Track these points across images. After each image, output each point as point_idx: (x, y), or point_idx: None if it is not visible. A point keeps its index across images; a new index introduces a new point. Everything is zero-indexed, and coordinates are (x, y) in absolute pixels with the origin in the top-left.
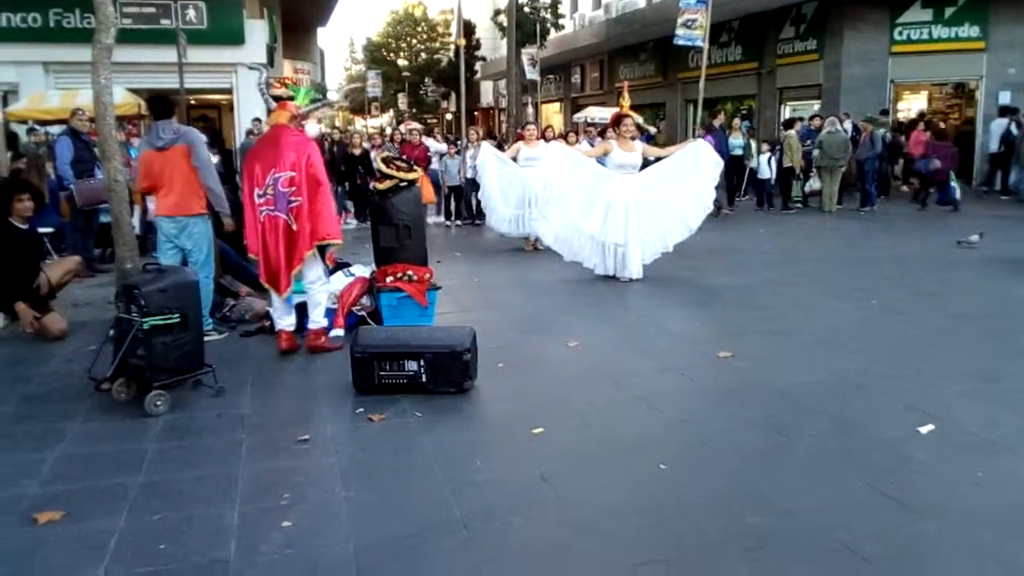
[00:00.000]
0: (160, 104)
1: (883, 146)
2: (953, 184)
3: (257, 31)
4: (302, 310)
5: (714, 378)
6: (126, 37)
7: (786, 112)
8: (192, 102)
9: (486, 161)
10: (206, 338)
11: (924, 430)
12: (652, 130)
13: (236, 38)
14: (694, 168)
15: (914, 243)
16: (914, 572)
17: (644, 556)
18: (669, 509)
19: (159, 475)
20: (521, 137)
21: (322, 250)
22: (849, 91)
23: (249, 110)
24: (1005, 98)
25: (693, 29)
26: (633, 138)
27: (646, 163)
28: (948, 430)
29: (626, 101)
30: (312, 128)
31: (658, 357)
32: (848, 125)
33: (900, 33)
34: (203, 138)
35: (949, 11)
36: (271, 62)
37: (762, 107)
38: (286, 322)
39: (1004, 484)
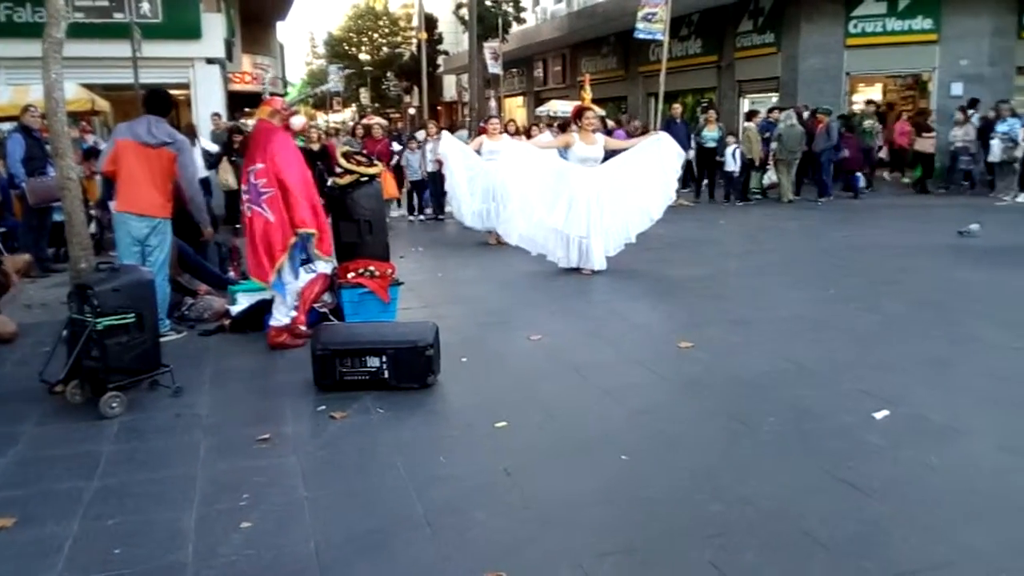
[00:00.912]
0: (157, 100)
1: (838, 137)
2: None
3: (214, 25)
4: (263, 309)
5: (676, 369)
6: (79, 32)
7: (745, 105)
8: None
9: (448, 152)
10: (163, 339)
11: (879, 415)
12: (612, 124)
13: (193, 32)
14: (656, 160)
15: (869, 232)
16: (868, 556)
17: (607, 547)
18: (631, 500)
19: (115, 478)
20: (484, 131)
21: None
22: (806, 83)
23: (207, 105)
24: (957, 89)
25: (653, 23)
26: (595, 131)
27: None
28: (903, 415)
29: (587, 94)
30: (297, 120)
31: (620, 349)
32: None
33: (855, 26)
34: (190, 146)
35: (902, 4)
36: (229, 56)
37: (722, 100)
38: (276, 317)
39: (958, 468)
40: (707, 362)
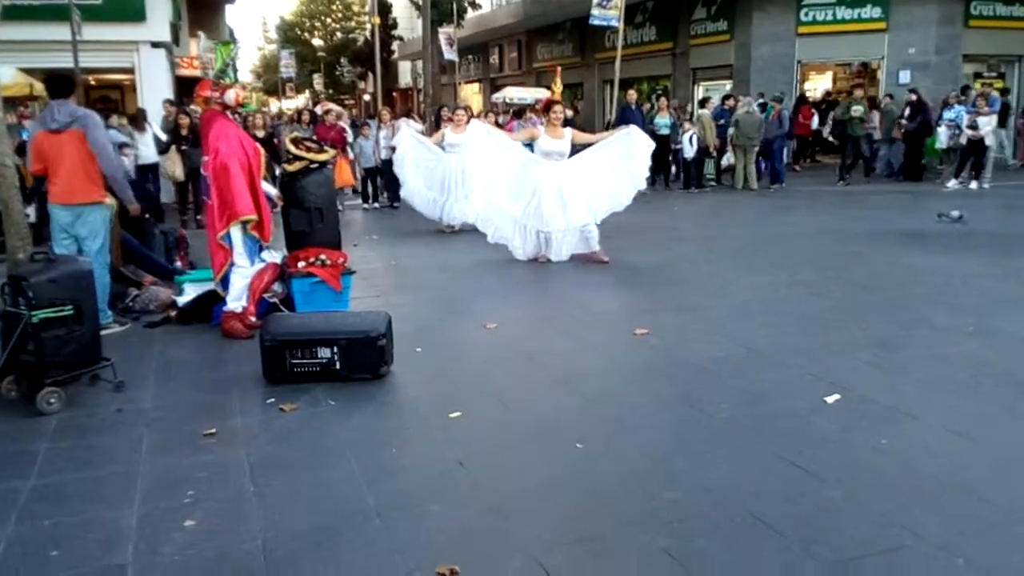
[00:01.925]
0: (56, 83)
1: (789, 124)
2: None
3: (159, 7)
4: (211, 299)
5: (631, 355)
6: (15, 13)
7: (700, 92)
8: (92, 82)
9: (403, 142)
10: (105, 331)
11: (830, 400)
12: (569, 113)
13: (137, 15)
14: (627, 152)
15: (820, 218)
16: (820, 539)
17: (561, 536)
18: (586, 488)
19: (52, 477)
20: (449, 120)
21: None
22: (759, 71)
23: (153, 90)
24: (905, 77)
25: (608, 9)
26: (564, 125)
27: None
28: (853, 399)
29: (558, 87)
30: (230, 95)
31: (576, 336)
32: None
33: (806, 14)
34: (99, 121)
35: None
36: (176, 41)
37: (677, 87)
38: (228, 304)
39: (906, 450)
40: (662, 348)
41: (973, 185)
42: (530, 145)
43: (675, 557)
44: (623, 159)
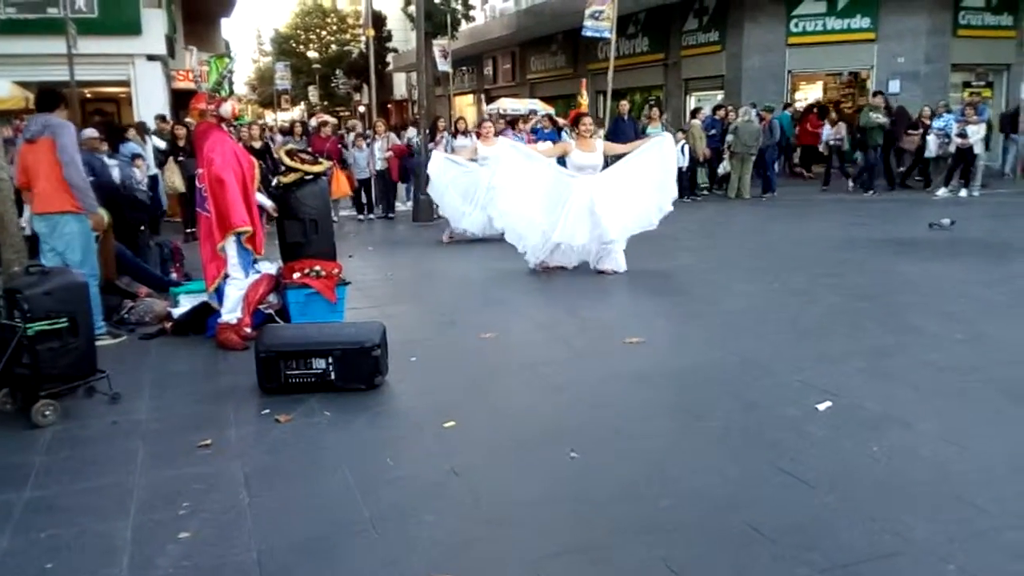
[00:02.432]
0: (42, 97)
1: (781, 134)
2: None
3: (155, 20)
4: (206, 311)
5: (626, 363)
6: (11, 28)
7: (692, 102)
8: (88, 95)
9: (437, 168)
10: (99, 343)
11: (822, 407)
12: (562, 121)
13: (132, 28)
14: (658, 162)
15: (812, 226)
16: (814, 547)
17: (556, 546)
18: (581, 497)
19: (47, 489)
20: (478, 134)
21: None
22: (750, 81)
23: (148, 103)
24: (895, 87)
25: (600, 21)
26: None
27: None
28: (844, 406)
29: (584, 99)
30: (226, 108)
31: (571, 345)
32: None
33: (796, 25)
34: (71, 130)
35: (841, 3)
36: (171, 53)
37: (669, 97)
38: (223, 315)
39: (897, 457)
40: (657, 356)
41: (963, 193)
42: (562, 161)
43: (671, 566)
44: (653, 170)
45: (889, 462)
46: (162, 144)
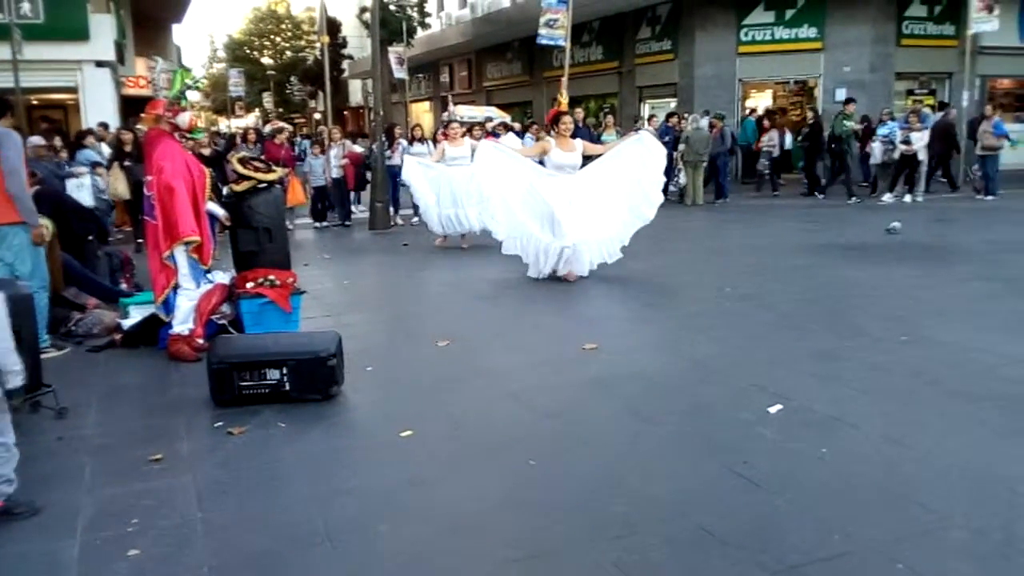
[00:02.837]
0: None
1: (732, 141)
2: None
3: (103, 26)
4: (157, 322)
5: (582, 370)
6: None
7: (646, 110)
8: (34, 102)
9: (411, 175)
10: (43, 355)
11: (773, 410)
12: (517, 127)
13: (80, 33)
14: (639, 161)
15: (763, 232)
16: (765, 549)
17: (513, 553)
18: (538, 504)
19: None
20: (445, 136)
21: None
22: (702, 89)
23: (97, 110)
24: (841, 95)
25: (555, 29)
26: (573, 136)
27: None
28: (794, 409)
29: (564, 98)
30: (183, 118)
31: (527, 352)
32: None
33: (746, 34)
34: (16, 140)
35: (789, 13)
36: (121, 60)
37: (623, 105)
38: (175, 327)
39: (845, 458)
40: (612, 362)
41: (907, 198)
42: (541, 161)
43: (625, 571)
44: (635, 168)
45: (837, 463)
46: (106, 150)
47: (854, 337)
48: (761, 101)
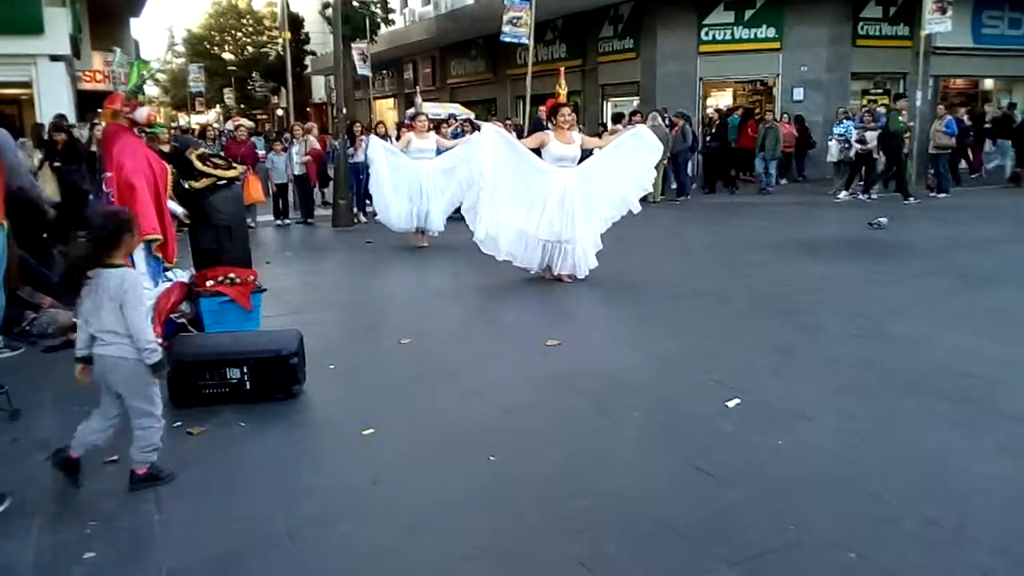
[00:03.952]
0: None
1: (693, 139)
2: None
3: (58, 19)
4: None
5: (544, 366)
6: None
7: (609, 108)
8: None
9: (376, 156)
10: None
11: (732, 404)
12: (481, 124)
13: (34, 27)
14: (633, 154)
15: (724, 229)
16: (723, 541)
17: (475, 551)
18: (500, 501)
19: None
20: (411, 127)
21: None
22: (664, 88)
23: (52, 105)
24: (799, 94)
25: (518, 27)
26: (570, 128)
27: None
28: (752, 403)
29: (563, 89)
30: (141, 113)
31: (490, 349)
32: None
33: (706, 34)
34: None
35: (748, 13)
36: (77, 54)
37: (586, 103)
38: None
39: (801, 450)
40: (573, 358)
41: (862, 196)
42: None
43: (587, 565)
44: (629, 161)
45: (794, 455)
46: (38, 154)
47: (811, 332)
48: (721, 100)
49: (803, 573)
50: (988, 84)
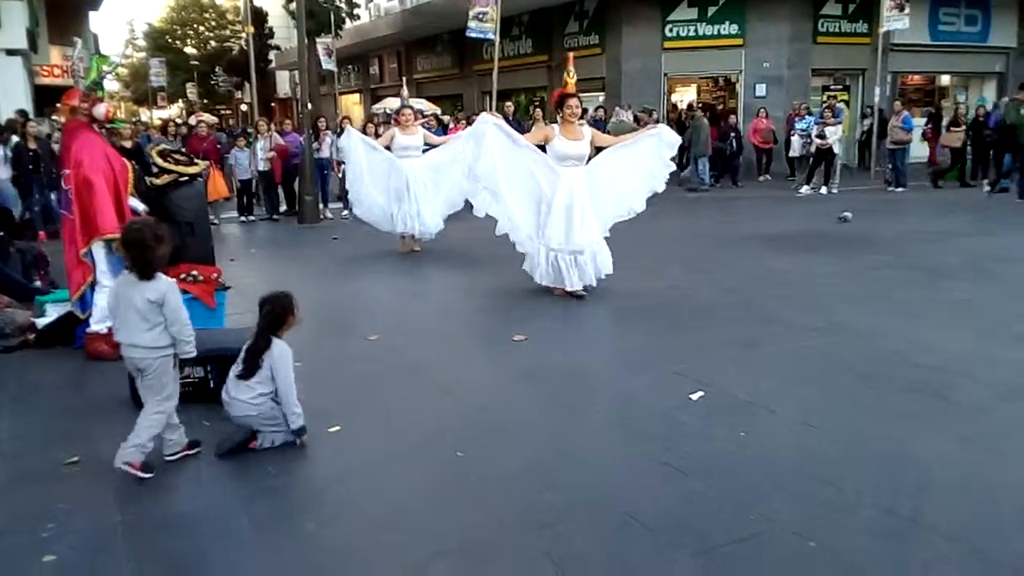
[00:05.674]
0: None
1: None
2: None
3: (15, 13)
4: (74, 320)
5: (510, 362)
6: None
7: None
8: None
9: (352, 145)
10: None
11: (695, 397)
12: (447, 119)
13: None
14: (655, 149)
15: (691, 224)
16: (687, 533)
17: (442, 546)
18: (467, 496)
19: None
20: (396, 122)
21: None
22: (629, 84)
23: (8, 99)
24: (761, 90)
25: (484, 22)
26: (581, 123)
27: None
28: (716, 395)
29: (572, 77)
30: (99, 109)
31: (456, 345)
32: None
33: (671, 30)
34: None
35: (711, 10)
36: (34, 48)
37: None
38: (92, 325)
39: (763, 442)
40: (539, 354)
41: (823, 190)
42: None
43: (554, 559)
44: (645, 159)
45: (755, 447)
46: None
47: (772, 325)
48: (686, 96)
49: (764, 562)
50: (945, 80)
